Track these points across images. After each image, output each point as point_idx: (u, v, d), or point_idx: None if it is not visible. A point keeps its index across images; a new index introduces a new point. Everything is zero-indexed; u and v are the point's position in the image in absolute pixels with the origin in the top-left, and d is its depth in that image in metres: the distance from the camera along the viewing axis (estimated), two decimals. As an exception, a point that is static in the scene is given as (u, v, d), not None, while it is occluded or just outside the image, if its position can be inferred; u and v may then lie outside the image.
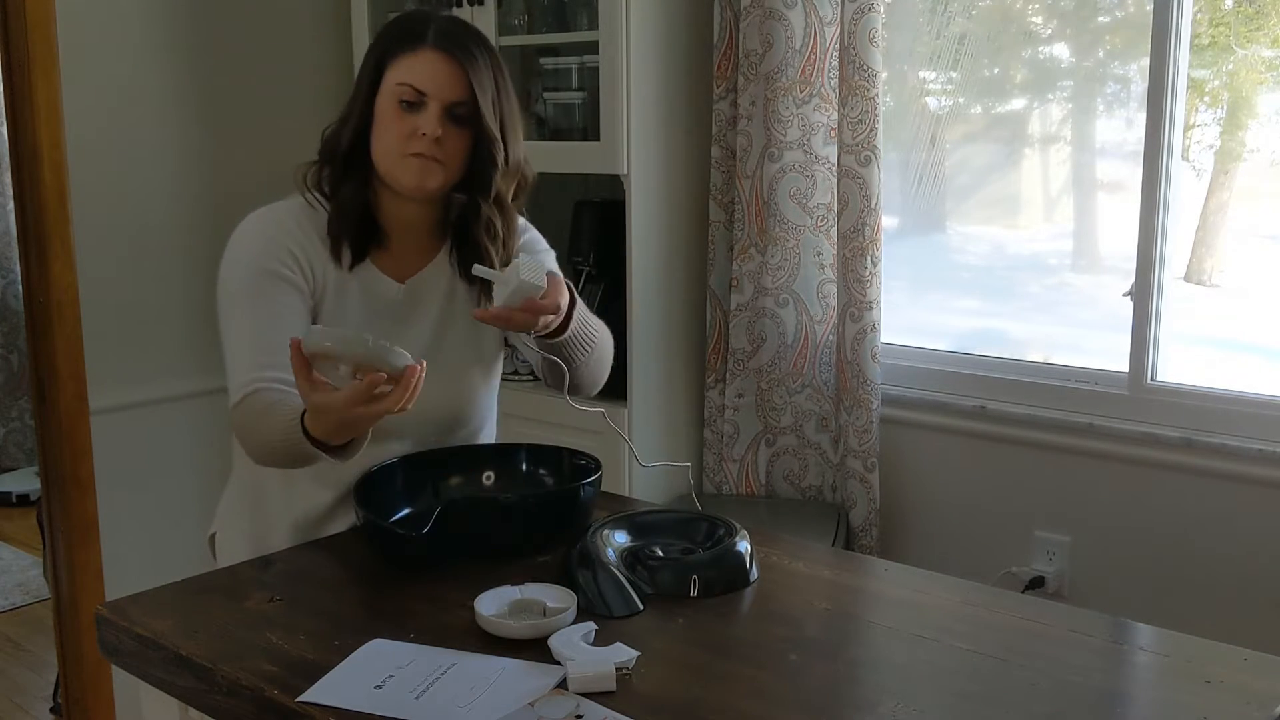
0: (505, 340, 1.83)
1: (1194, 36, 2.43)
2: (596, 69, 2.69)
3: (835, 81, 2.69)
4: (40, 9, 2.58)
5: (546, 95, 2.91)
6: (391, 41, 1.64)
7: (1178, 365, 2.52)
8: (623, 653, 1.24)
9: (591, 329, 1.69)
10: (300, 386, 1.37)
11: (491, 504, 1.64)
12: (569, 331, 1.62)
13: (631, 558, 1.47)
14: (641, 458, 2.74)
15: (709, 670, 1.26)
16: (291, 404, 1.46)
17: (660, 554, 1.48)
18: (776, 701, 1.18)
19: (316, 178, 1.68)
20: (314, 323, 1.65)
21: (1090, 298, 2.74)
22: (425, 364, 1.37)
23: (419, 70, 1.60)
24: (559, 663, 1.23)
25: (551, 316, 1.54)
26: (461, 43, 1.62)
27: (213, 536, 1.82)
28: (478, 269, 1.56)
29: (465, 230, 1.72)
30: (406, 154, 1.60)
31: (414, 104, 1.60)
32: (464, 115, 1.62)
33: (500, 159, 1.65)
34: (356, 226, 1.67)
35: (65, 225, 2.66)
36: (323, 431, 1.41)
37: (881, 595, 1.51)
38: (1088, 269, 2.79)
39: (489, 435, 1.86)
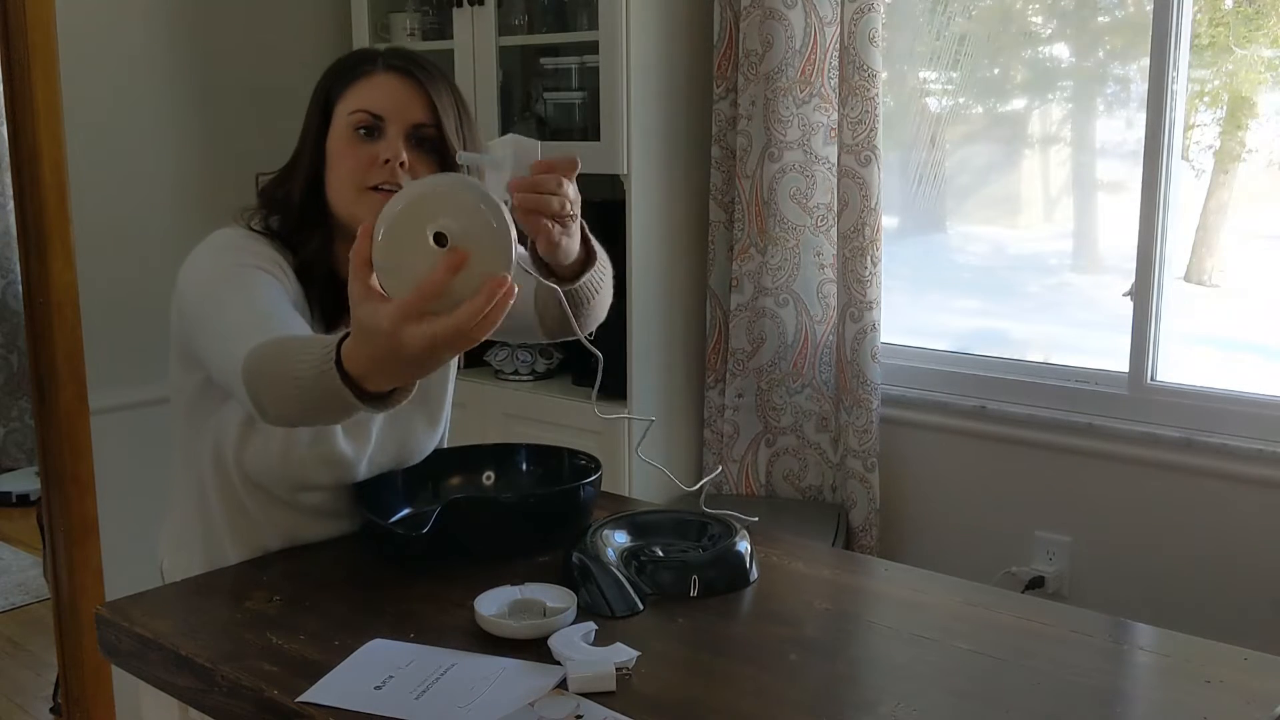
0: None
1: (1194, 36, 2.43)
2: (596, 69, 2.69)
3: (835, 81, 2.69)
4: (40, 9, 2.59)
5: (546, 95, 2.91)
6: (337, 75, 1.51)
7: (1178, 365, 2.52)
8: (623, 653, 1.24)
9: (604, 258, 1.51)
10: (352, 289, 1.09)
11: (491, 504, 1.64)
12: (595, 265, 1.45)
13: (631, 558, 1.47)
14: (641, 457, 2.74)
15: (709, 670, 1.26)
16: (320, 337, 1.24)
17: (660, 554, 1.48)
18: (776, 701, 1.18)
19: (263, 223, 1.53)
20: None
21: (1090, 298, 2.74)
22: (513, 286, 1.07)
23: (373, 93, 1.46)
24: (559, 663, 1.23)
25: (569, 200, 1.32)
26: (416, 62, 1.50)
27: (162, 563, 1.70)
28: (463, 156, 1.36)
29: None
30: (365, 187, 1.45)
31: (371, 130, 1.46)
32: (430, 138, 1.48)
33: None
34: (325, 289, 1.51)
35: (65, 225, 2.67)
36: (363, 363, 1.11)
37: (881, 595, 1.51)
38: (1088, 269, 2.79)
39: None
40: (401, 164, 1.46)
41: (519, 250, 1.17)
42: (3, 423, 5.24)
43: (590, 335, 1.55)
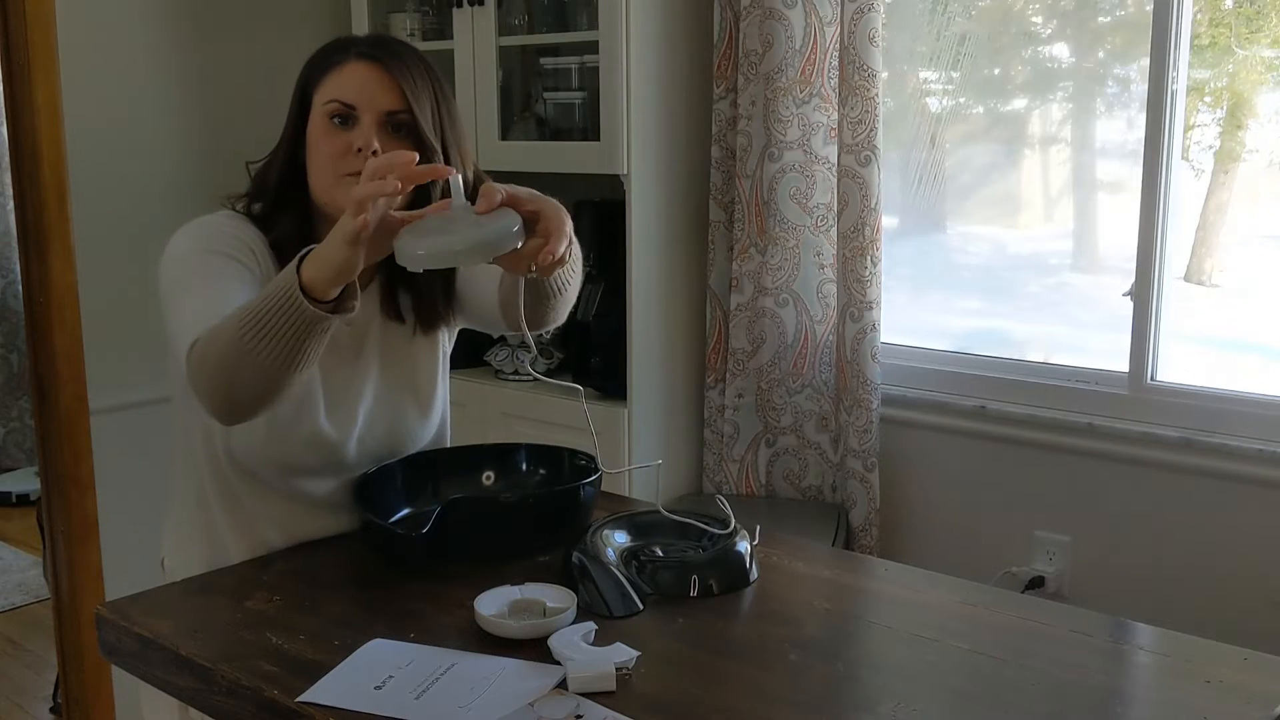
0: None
1: (1194, 37, 2.43)
2: (596, 69, 2.69)
3: (835, 81, 2.69)
4: (40, 9, 2.58)
5: (546, 95, 2.92)
6: (314, 65, 1.54)
7: (1178, 365, 2.52)
8: (623, 653, 1.24)
9: (578, 254, 1.53)
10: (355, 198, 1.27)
11: (491, 504, 1.64)
12: (568, 260, 1.46)
13: (631, 558, 1.47)
14: (641, 457, 2.75)
15: (709, 670, 1.26)
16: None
17: (660, 554, 1.48)
18: (776, 701, 1.18)
19: (246, 209, 1.58)
20: None
21: (1090, 298, 2.74)
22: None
23: (345, 83, 1.49)
24: (559, 663, 1.23)
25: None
26: (389, 50, 1.52)
27: (163, 560, 1.71)
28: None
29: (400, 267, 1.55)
30: (341, 175, 1.48)
31: (346, 119, 1.49)
32: (405, 124, 1.50)
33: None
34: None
35: (65, 225, 2.67)
36: (315, 262, 1.29)
37: (881, 595, 1.51)
38: (1088, 269, 2.79)
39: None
40: (375, 153, 1.48)
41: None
42: (3, 423, 5.24)
43: (546, 334, 1.56)
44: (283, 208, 1.56)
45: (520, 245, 1.33)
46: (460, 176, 1.37)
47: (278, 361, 1.31)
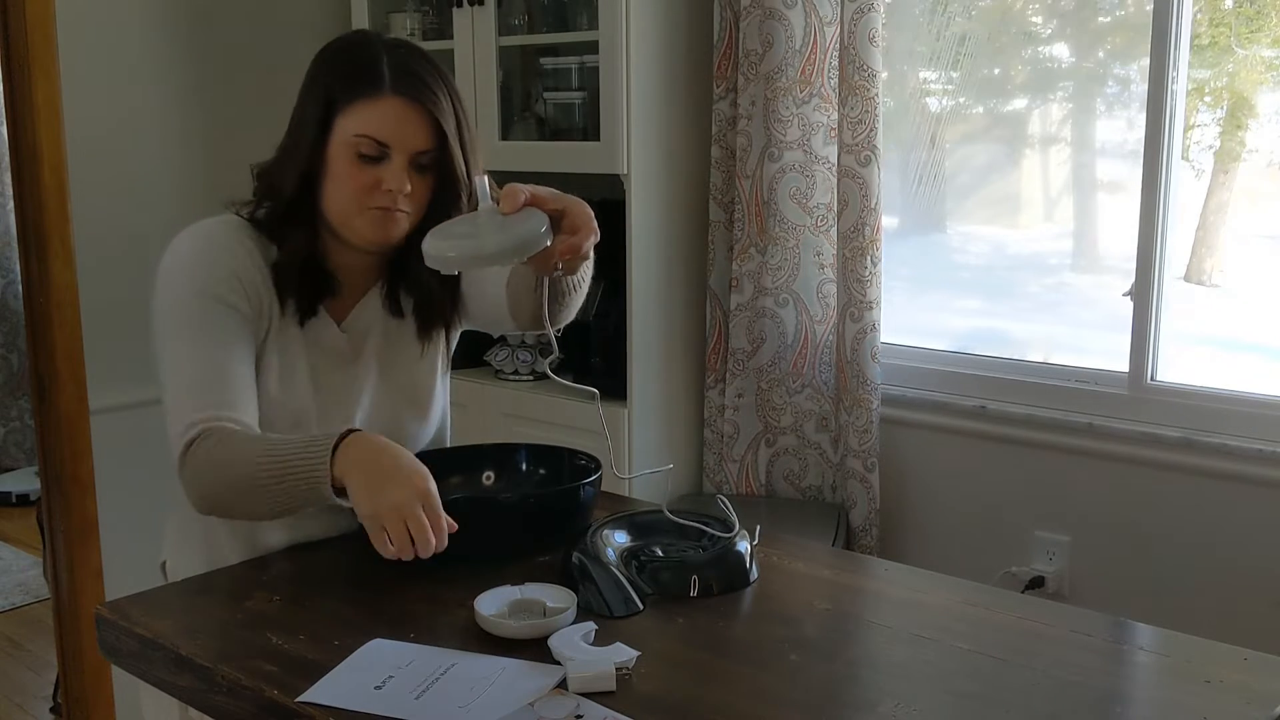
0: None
1: (1194, 37, 2.43)
2: (596, 69, 2.69)
3: (835, 81, 2.69)
4: (40, 9, 2.59)
5: (546, 95, 2.92)
6: (343, 83, 1.49)
7: (1178, 365, 2.52)
8: (623, 653, 1.24)
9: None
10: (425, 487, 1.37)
11: (491, 504, 1.64)
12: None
13: (631, 558, 1.47)
14: (641, 457, 2.75)
15: (709, 670, 1.26)
16: (275, 436, 1.42)
17: (660, 554, 1.48)
18: (776, 701, 1.18)
19: (251, 213, 1.56)
20: (259, 353, 1.53)
21: (1090, 298, 2.74)
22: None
23: (380, 121, 1.46)
24: (559, 663, 1.23)
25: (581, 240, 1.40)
26: (424, 82, 1.49)
27: (164, 563, 1.72)
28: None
29: (403, 269, 1.59)
30: (368, 207, 1.49)
31: (375, 157, 1.48)
32: (429, 162, 1.50)
33: (465, 200, 1.52)
34: (303, 280, 1.55)
35: (65, 225, 2.67)
36: (348, 466, 1.37)
37: (881, 595, 1.51)
38: (1088, 269, 2.79)
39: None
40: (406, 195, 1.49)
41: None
42: (3, 423, 5.24)
43: (559, 331, 1.57)
44: (293, 220, 1.54)
45: (549, 244, 1.33)
46: (487, 179, 1.37)
47: (275, 510, 1.43)
